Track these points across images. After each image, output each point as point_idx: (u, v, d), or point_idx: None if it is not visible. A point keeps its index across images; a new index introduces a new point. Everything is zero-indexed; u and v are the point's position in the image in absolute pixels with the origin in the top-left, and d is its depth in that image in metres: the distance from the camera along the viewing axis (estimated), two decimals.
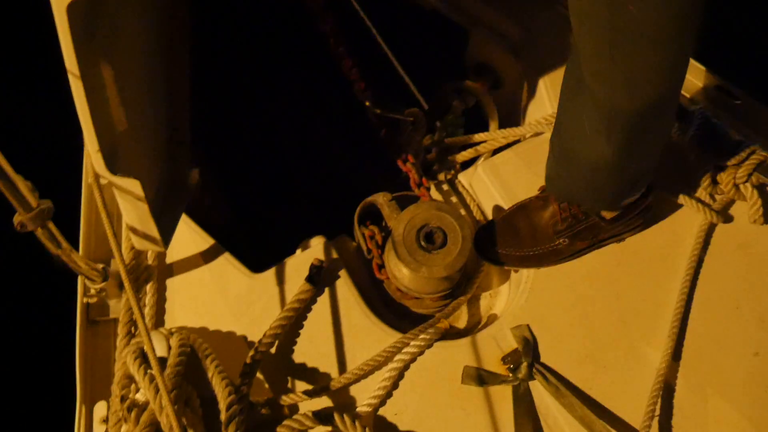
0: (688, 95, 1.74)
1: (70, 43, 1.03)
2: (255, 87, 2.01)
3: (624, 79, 1.19)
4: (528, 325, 1.50)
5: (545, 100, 1.80)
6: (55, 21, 1.02)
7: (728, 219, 1.60)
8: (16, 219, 1.17)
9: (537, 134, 1.73)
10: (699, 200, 1.59)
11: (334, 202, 1.82)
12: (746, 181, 1.56)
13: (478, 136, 1.78)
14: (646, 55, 1.14)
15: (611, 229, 1.53)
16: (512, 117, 1.94)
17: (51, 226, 1.23)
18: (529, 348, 1.47)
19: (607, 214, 1.51)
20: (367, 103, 1.78)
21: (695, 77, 1.73)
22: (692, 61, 1.69)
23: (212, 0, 1.87)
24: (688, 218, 1.59)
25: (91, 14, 1.06)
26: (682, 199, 1.59)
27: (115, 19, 1.19)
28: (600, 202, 1.49)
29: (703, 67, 1.71)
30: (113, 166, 1.20)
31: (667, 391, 1.44)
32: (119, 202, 1.28)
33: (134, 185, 1.23)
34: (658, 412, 1.42)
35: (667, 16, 1.08)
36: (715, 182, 1.61)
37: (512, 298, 1.61)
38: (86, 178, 1.53)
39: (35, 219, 1.17)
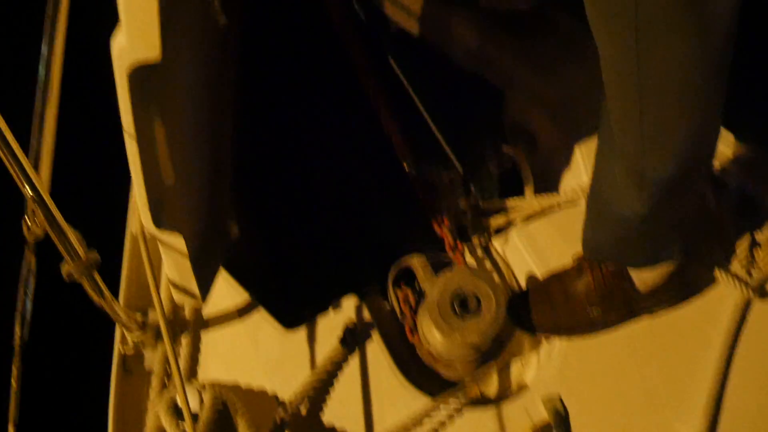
0: (723, 165, 1.72)
1: (129, 105, 1.06)
2: (295, 140, 2.04)
3: (653, 135, 1.18)
4: (560, 397, 1.48)
5: (581, 167, 1.80)
6: (115, 81, 1.05)
7: (765, 295, 1.58)
8: (65, 269, 1.19)
9: (572, 202, 1.73)
10: (735, 276, 1.57)
11: (369, 256, 1.83)
12: None
13: (513, 201, 1.79)
14: (674, 108, 1.14)
15: (646, 301, 1.53)
16: (547, 179, 1.94)
17: (96, 276, 1.25)
18: (560, 420, 1.45)
19: (643, 287, 1.50)
20: (406, 164, 1.80)
21: (728, 147, 1.71)
22: (725, 131, 1.68)
23: (258, 50, 1.91)
24: (724, 292, 1.57)
25: (149, 76, 1.09)
26: (717, 273, 1.58)
27: (169, 78, 1.22)
28: (631, 258, 1.48)
29: (734, 138, 1.70)
30: (159, 221, 1.23)
31: None
32: (163, 256, 1.30)
33: (178, 240, 1.26)
34: None
35: (693, 68, 1.08)
36: (752, 257, 1.60)
37: (543, 366, 1.59)
38: (130, 229, 1.56)
39: (83, 270, 1.19)
